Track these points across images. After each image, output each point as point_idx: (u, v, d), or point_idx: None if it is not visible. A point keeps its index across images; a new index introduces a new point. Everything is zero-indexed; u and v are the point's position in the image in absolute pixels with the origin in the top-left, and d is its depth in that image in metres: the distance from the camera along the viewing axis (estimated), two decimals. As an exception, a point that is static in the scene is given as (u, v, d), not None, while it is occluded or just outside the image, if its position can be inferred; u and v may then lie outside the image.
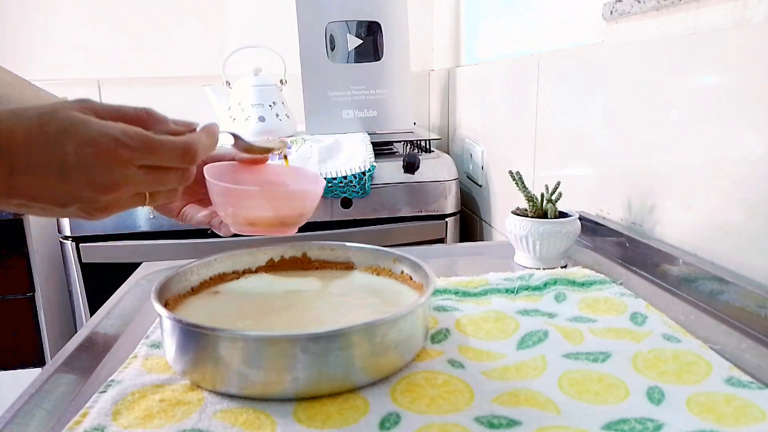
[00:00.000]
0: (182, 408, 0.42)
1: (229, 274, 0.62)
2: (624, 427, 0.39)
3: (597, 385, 0.44)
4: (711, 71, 0.63)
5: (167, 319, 0.46)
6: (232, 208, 0.55)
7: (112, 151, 0.39)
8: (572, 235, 0.71)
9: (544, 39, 1.07)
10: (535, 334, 0.53)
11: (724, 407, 0.40)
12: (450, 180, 1.28)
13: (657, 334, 0.51)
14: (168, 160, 0.42)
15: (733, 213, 0.61)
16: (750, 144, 0.58)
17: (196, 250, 1.18)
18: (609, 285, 0.63)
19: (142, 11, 1.72)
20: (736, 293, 0.56)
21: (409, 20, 1.41)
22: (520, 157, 1.14)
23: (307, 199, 0.58)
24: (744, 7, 0.59)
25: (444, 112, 1.74)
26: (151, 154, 0.41)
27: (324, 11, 1.35)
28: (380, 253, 0.63)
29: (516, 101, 1.17)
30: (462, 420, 0.40)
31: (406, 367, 0.47)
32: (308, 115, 1.36)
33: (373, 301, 0.56)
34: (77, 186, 0.39)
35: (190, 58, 1.76)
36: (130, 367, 0.48)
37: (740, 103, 0.59)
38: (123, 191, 0.41)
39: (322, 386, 0.43)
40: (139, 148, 0.40)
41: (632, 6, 0.75)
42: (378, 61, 1.39)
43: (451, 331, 0.54)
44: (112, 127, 0.39)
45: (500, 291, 0.63)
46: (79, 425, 0.40)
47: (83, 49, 1.71)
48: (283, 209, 0.56)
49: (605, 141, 0.85)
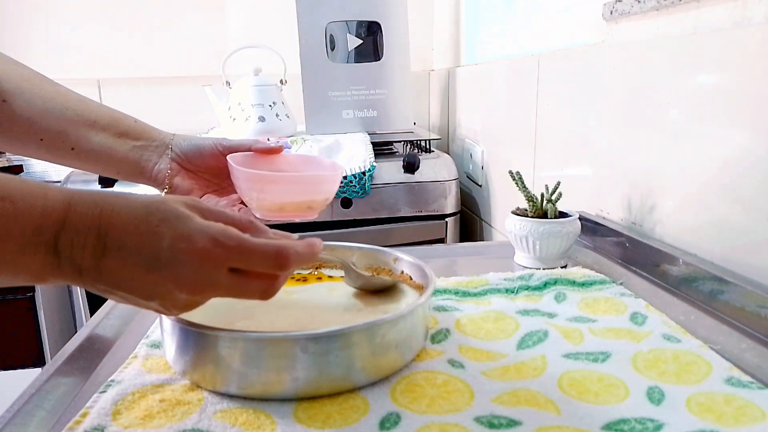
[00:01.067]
0: (182, 408, 0.42)
1: (229, 274, 0.63)
2: (624, 427, 0.39)
3: (597, 385, 0.44)
4: (711, 71, 0.63)
5: (167, 319, 0.46)
6: (257, 193, 0.57)
7: (208, 251, 0.37)
8: (572, 235, 0.71)
9: (544, 39, 1.07)
10: (535, 334, 0.53)
11: (724, 407, 0.40)
12: (450, 180, 1.28)
13: (657, 334, 0.51)
14: (259, 264, 0.39)
15: (733, 213, 0.61)
16: (750, 144, 0.58)
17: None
18: (609, 285, 0.63)
19: (142, 11, 1.72)
20: (736, 293, 0.56)
21: (409, 20, 1.41)
22: (520, 157, 1.14)
23: (332, 183, 0.60)
24: (744, 7, 0.59)
25: (444, 112, 1.74)
26: (244, 256, 0.38)
27: (324, 11, 1.35)
28: (380, 253, 0.63)
29: (516, 101, 1.17)
30: (462, 420, 0.40)
31: (406, 367, 0.47)
32: (308, 115, 1.36)
33: (373, 301, 0.56)
34: (164, 281, 0.37)
35: (190, 58, 1.76)
36: (130, 367, 0.48)
37: (740, 103, 0.59)
38: (207, 294, 0.39)
39: (322, 386, 0.43)
40: (234, 249, 0.38)
41: (632, 6, 0.75)
42: (378, 61, 1.39)
43: (451, 331, 0.54)
44: (211, 227, 0.38)
45: (500, 291, 0.63)
46: (79, 425, 0.40)
47: (83, 49, 1.71)
48: (310, 193, 0.58)
49: (605, 141, 0.85)
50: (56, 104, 0.58)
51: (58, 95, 0.59)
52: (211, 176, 0.64)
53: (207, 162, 0.62)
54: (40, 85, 0.59)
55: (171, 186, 0.61)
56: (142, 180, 0.62)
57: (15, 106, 0.56)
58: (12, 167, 1.48)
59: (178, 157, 0.62)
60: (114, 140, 0.60)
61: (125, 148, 0.60)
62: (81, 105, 0.60)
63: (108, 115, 0.61)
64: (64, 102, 0.59)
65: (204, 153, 0.62)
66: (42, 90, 0.58)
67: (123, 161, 0.60)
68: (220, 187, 0.64)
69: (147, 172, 0.61)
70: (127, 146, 0.61)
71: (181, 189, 0.62)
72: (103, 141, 0.59)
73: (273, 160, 0.63)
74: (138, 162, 0.61)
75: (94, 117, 0.60)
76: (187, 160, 0.62)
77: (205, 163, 0.62)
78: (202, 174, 0.63)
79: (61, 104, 0.58)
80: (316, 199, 0.59)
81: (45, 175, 1.58)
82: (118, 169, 0.61)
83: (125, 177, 0.62)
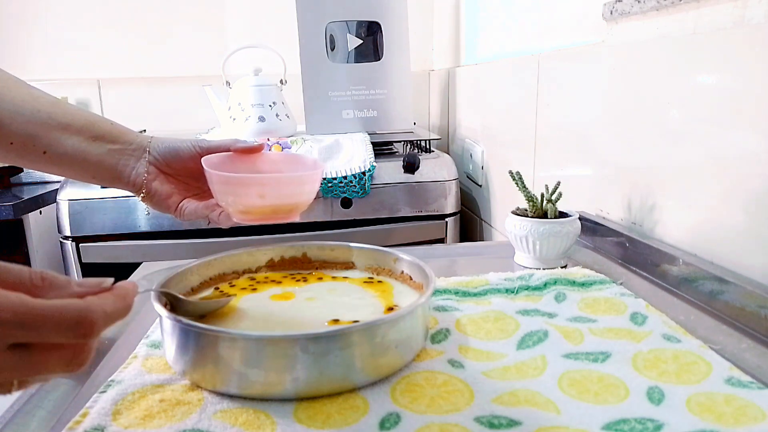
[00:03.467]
0: (182, 408, 0.42)
1: (229, 274, 0.63)
2: (624, 427, 0.39)
3: (597, 385, 0.44)
4: (711, 71, 0.63)
5: (167, 319, 0.46)
6: (233, 197, 0.55)
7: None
8: (572, 235, 0.71)
9: (544, 39, 1.07)
10: (535, 334, 0.53)
11: (724, 407, 0.40)
12: (450, 180, 1.28)
13: (657, 334, 0.51)
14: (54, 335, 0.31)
15: (733, 213, 0.61)
16: (750, 144, 0.58)
17: (196, 250, 1.18)
18: (609, 285, 0.63)
19: (143, 11, 1.72)
20: (736, 293, 0.56)
21: (409, 20, 1.41)
22: (520, 157, 1.14)
23: (309, 183, 0.57)
24: (744, 7, 0.59)
25: (444, 112, 1.74)
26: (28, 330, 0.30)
27: (324, 11, 1.35)
28: (380, 253, 0.63)
29: (516, 101, 1.17)
30: (462, 420, 0.40)
31: (406, 367, 0.47)
32: (308, 115, 1.36)
33: (374, 301, 0.56)
34: None
35: (190, 58, 1.76)
36: (130, 367, 0.48)
37: (740, 103, 0.59)
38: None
39: (322, 386, 0.43)
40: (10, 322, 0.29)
41: (632, 6, 0.75)
42: (378, 61, 1.39)
43: (451, 331, 0.54)
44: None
45: (500, 291, 0.63)
46: (79, 425, 0.40)
47: (83, 49, 1.71)
48: (289, 195, 0.55)
49: (605, 141, 0.85)
50: (27, 107, 0.56)
51: (29, 97, 0.57)
52: (191, 179, 0.62)
53: (186, 164, 0.60)
54: (11, 87, 0.56)
55: (149, 191, 0.59)
56: (119, 185, 0.60)
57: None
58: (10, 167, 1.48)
59: (156, 161, 0.60)
60: (88, 143, 0.58)
61: (100, 152, 0.58)
62: (53, 108, 0.57)
63: (83, 118, 0.58)
64: (35, 104, 0.56)
65: (182, 155, 0.60)
66: (12, 92, 0.56)
67: (98, 165, 0.58)
68: (201, 190, 0.62)
69: (124, 177, 0.59)
70: (102, 149, 0.58)
71: (159, 194, 0.60)
72: (76, 144, 0.57)
73: (254, 160, 0.61)
74: (115, 166, 0.59)
75: (68, 120, 0.57)
76: (165, 163, 0.60)
77: (184, 166, 0.60)
78: (181, 178, 0.62)
79: (32, 107, 0.56)
80: (297, 201, 0.56)
81: (45, 176, 1.58)
82: (93, 174, 0.59)
83: (101, 182, 0.60)
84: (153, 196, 0.60)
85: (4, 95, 0.55)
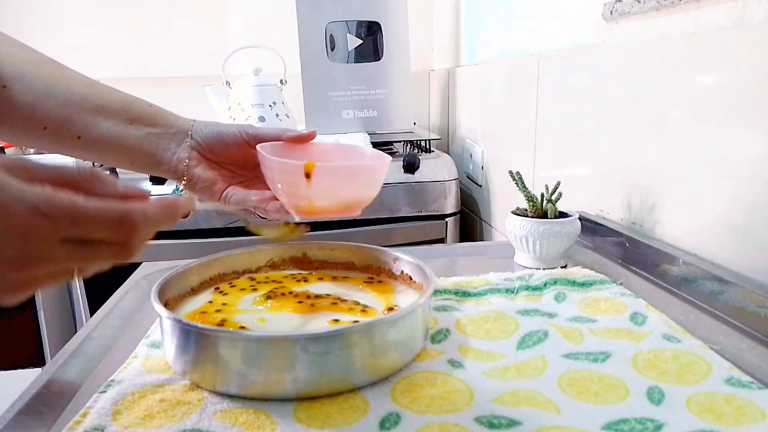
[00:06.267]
0: (182, 408, 0.42)
1: (229, 274, 0.62)
2: (624, 427, 0.39)
3: (597, 385, 0.44)
4: (711, 71, 0.63)
5: (167, 319, 0.46)
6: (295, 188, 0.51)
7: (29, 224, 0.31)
8: (572, 235, 0.71)
9: (544, 39, 1.07)
10: (535, 334, 0.53)
11: (724, 407, 0.40)
12: (450, 180, 1.28)
13: (657, 334, 0.51)
14: (99, 232, 0.34)
15: (733, 213, 0.61)
16: (750, 144, 0.58)
17: (196, 250, 1.18)
18: (609, 285, 0.63)
19: (142, 11, 1.72)
20: (736, 293, 0.56)
21: (409, 20, 1.41)
22: (520, 157, 1.14)
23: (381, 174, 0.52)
24: (744, 7, 0.59)
25: (444, 112, 1.74)
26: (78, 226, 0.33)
27: (324, 11, 1.35)
28: (380, 253, 0.63)
29: (516, 101, 1.17)
30: (462, 420, 0.40)
31: (406, 367, 0.47)
32: (308, 115, 1.36)
33: (374, 301, 0.56)
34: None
35: (190, 58, 1.76)
36: (130, 367, 0.48)
37: (740, 103, 0.59)
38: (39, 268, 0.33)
39: (322, 386, 0.43)
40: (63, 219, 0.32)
41: (632, 6, 0.75)
42: (378, 61, 1.39)
43: (451, 331, 0.54)
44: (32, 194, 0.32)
45: (500, 291, 0.63)
46: (79, 425, 0.40)
47: (83, 49, 1.71)
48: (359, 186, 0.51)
49: (605, 141, 0.85)
50: (60, 88, 0.53)
51: (63, 78, 0.53)
52: (236, 167, 0.59)
53: (230, 151, 0.57)
54: (43, 68, 0.53)
55: (190, 178, 0.56)
56: (159, 171, 0.57)
57: (14, 91, 0.51)
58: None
59: (199, 146, 0.56)
60: (125, 127, 0.54)
61: (138, 135, 0.55)
62: (88, 89, 0.54)
63: (118, 99, 0.55)
64: (69, 86, 0.53)
65: (227, 141, 0.57)
66: (45, 73, 0.53)
67: (136, 150, 0.55)
68: (246, 178, 0.59)
69: (164, 163, 0.56)
70: (140, 133, 0.55)
71: (202, 180, 0.56)
72: (112, 128, 0.54)
73: (305, 150, 0.56)
74: (154, 151, 0.55)
75: (103, 101, 0.54)
76: (208, 148, 0.57)
77: (229, 153, 0.57)
78: (225, 164, 0.58)
79: (66, 88, 0.53)
80: (366, 195, 0.51)
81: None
82: (131, 159, 0.56)
83: (140, 168, 0.57)
84: (195, 184, 0.57)
85: (37, 77, 0.52)
